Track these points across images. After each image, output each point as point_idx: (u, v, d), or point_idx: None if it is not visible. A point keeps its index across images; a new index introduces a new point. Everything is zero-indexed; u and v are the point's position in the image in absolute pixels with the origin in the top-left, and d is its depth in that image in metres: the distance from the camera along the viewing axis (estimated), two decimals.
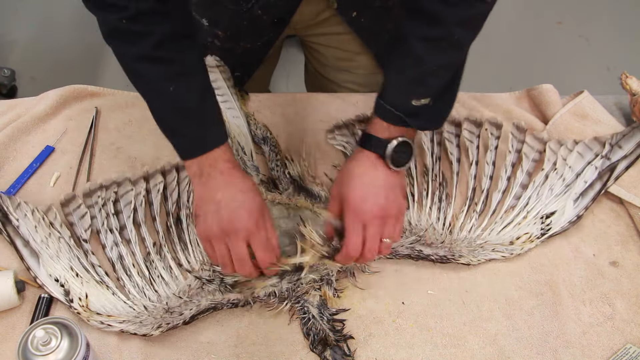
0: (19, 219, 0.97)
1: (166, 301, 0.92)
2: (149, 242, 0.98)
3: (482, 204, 1.05)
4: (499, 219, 1.04)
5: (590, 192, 1.05)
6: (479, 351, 0.92)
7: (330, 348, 0.90)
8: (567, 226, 1.03)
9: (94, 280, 0.93)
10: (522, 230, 1.02)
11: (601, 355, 0.93)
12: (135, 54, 0.82)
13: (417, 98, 0.86)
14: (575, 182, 1.06)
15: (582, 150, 1.10)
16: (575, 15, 2.62)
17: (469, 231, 1.02)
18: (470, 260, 0.98)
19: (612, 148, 1.09)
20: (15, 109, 1.15)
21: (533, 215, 1.04)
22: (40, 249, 0.94)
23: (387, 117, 0.87)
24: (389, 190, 0.89)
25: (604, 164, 1.08)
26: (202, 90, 0.86)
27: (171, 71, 0.83)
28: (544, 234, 1.02)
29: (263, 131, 1.13)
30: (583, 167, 1.08)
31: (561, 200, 1.05)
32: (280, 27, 1.13)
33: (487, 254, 0.99)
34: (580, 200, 1.05)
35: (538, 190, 1.06)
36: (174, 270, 0.96)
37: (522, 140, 1.11)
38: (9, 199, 0.98)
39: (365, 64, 1.23)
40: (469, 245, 1.00)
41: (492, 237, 1.02)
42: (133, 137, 1.13)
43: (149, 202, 1.02)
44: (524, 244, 1.00)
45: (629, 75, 1.21)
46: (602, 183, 1.06)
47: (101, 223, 0.98)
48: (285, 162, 1.09)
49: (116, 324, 0.89)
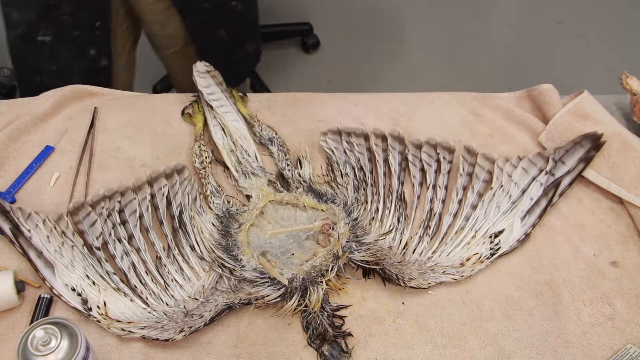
0: (31, 229, 0.96)
1: (184, 305, 0.92)
2: (158, 246, 0.98)
3: (434, 227, 1.03)
4: (450, 240, 1.02)
5: (536, 209, 1.04)
6: (479, 351, 0.92)
7: (328, 343, 0.90)
8: (515, 245, 1.02)
9: (111, 288, 0.93)
10: (472, 250, 1.00)
11: (601, 355, 0.93)
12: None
13: None
14: (521, 198, 1.05)
15: (526, 166, 1.09)
16: (575, 15, 2.63)
17: (420, 254, 1.00)
18: (420, 284, 0.96)
19: (555, 164, 1.09)
20: (15, 109, 1.15)
21: (482, 235, 1.02)
22: (54, 259, 0.93)
23: None
24: None
25: (549, 180, 1.07)
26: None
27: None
28: (494, 253, 1.00)
29: (268, 132, 1.13)
30: (528, 183, 1.07)
31: (509, 217, 1.04)
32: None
33: (437, 277, 0.97)
34: (527, 217, 1.04)
35: (486, 208, 1.05)
36: (186, 272, 0.96)
37: (474, 163, 1.10)
38: (20, 210, 0.97)
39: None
40: (420, 268, 0.97)
41: (442, 259, 1.00)
42: (133, 137, 1.13)
43: (154, 207, 1.02)
44: (474, 265, 0.98)
45: (630, 75, 1.21)
46: (547, 200, 1.05)
47: (108, 234, 0.98)
48: (298, 162, 1.10)
49: (137, 330, 0.89)
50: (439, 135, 1.15)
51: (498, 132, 1.17)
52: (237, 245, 0.97)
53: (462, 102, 1.22)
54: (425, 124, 1.18)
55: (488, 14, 2.62)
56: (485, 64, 2.42)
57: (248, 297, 0.92)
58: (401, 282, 0.95)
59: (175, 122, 1.16)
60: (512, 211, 1.04)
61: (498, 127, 1.18)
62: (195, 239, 0.99)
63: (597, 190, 1.11)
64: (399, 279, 0.95)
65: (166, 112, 1.17)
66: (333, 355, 0.89)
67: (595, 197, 1.10)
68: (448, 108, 1.21)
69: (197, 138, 1.11)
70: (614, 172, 1.09)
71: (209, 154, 1.09)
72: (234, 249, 0.97)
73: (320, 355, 0.90)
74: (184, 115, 1.16)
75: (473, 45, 2.49)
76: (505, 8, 2.69)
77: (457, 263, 0.99)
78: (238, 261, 0.95)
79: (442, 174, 1.09)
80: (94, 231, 0.98)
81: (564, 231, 1.06)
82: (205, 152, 1.09)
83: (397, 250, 1.00)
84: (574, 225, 1.07)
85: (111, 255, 0.96)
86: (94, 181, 1.07)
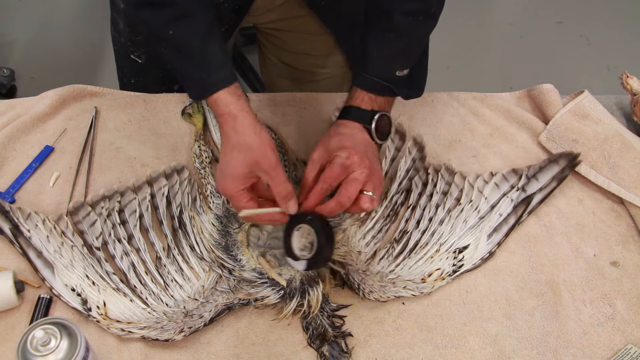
0: (30, 229, 0.95)
1: (183, 305, 0.92)
2: (158, 246, 0.98)
3: (403, 244, 1.01)
4: (414, 254, 1.00)
5: (504, 227, 1.02)
6: (479, 351, 0.92)
7: (328, 344, 0.90)
8: (479, 263, 1.00)
9: (111, 288, 0.92)
10: (434, 265, 0.98)
11: (602, 355, 0.93)
12: (135, 0, 0.85)
13: (400, 69, 0.93)
14: (490, 214, 1.03)
15: (498, 181, 1.07)
16: (575, 15, 2.62)
17: (383, 266, 0.98)
18: (379, 297, 0.94)
19: (528, 180, 1.07)
20: (15, 109, 1.15)
21: (446, 249, 1.00)
22: (54, 259, 0.93)
23: (374, 88, 0.93)
24: (374, 156, 0.92)
25: (520, 197, 1.05)
26: (203, 34, 0.87)
27: (169, 15, 0.84)
28: (456, 270, 0.98)
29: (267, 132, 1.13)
30: (499, 198, 1.05)
31: (475, 233, 1.02)
32: (240, 14, 1.15)
33: (397, 291, 0.95)
34: (494, 235, 1.02)
35: (452, 222, 1.03)
36: (186, 272, 0.96)
37: (450, 182, 1.07)
38: (19, 210, 0.97)
39: (324, 45, 1.25)
40: (381, 280, 0.95)
41: (404, 272, 0.97)
42: (133, 137, 1.13)
43: (154, 207, 1.02)
44: (435, 282, 0.96)
45: (630, 75, 1.21)
46: (516, 217, 1.03)
47: (108, 234, 0.98)
48: (296, 164, 1.09)
49: (137, 330, 0.89)
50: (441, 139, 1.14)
51: (498, 132, 1.17)
52: (236, 245, 0.97)
53: (462, 102, 1.21)
54: (425, 124, 1.18)
55: (488, 14, 2.62)
56: (485, 64, 2.42)
57: (247, 298, 0.92)
58: (361, 292, 0.93)
59: (175, 122, 1.16)
60: (479, 226, 1.02)
61: (498, 127, 1.18)
62: (195, 239, 0.99)
63: (598, 190, 1.11)
64: (359, 288, 0.93)
65: (166, 112, 1.17)
66: (333, 355, 0.89)
67: (595, 197, 1.10)
68: (448, 108, 1.21)
69: (197, 138, 1.11)
70: (614, 172, 1.09)
71: (209, 154, 1.09)
72: (234, 249, 0.97)
73: (320, 355, 0.90)
74: (184, 115, 1.16)
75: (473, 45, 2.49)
76: (505, 8, 2.69)
77: (419, 278, 0.96)
78: (237, 261, 0.95)
79: (425, 195, 1.06)
80: (93, 231, 0.98)
81: (564, 231, 1.06)
82: (205, 152, 1.09)
83: (364, 258, 0.98)
84: (574, 225, 1.06)
85: (111, 255, 0.96)
86: (94, 181, 1.07)
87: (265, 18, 1.22)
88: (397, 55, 0.93)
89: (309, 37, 1.23)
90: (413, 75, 0.95)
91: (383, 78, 0.93)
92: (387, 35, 0.92)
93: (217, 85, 0.86)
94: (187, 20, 0.85)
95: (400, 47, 0.92)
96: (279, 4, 1.17)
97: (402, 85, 0.94)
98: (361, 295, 0.94)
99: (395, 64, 0.93)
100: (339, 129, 0.93)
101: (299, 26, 1.21)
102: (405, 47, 0.93)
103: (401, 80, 0.94)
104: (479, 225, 1.03)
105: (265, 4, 1.16)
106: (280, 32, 1.25)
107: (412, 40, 0.93)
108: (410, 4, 0.89)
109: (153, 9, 0.84)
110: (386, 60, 0.93)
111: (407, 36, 0.92)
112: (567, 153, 1.09)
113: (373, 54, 0.93)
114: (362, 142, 0.91)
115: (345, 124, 0.93)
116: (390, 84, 0.93)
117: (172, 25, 0.84)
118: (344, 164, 0.86)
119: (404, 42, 0.92)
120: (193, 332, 0.89)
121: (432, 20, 0.92)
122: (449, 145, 1.15)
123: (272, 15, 1.20)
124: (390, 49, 0.93)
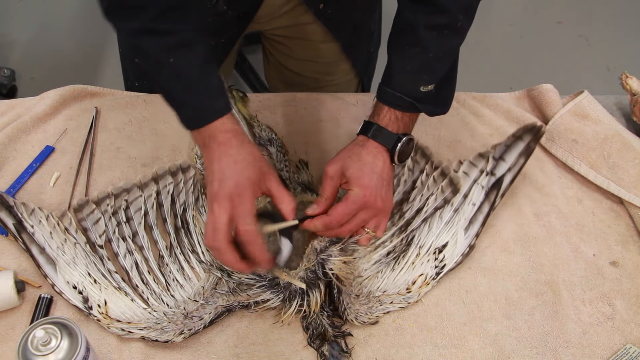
0: (34, 225, 0.95)
1: (184, 306, 0.92)
2: (161, 244, 0.98)
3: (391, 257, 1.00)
4: (397, 265, 0.98)
5: (479, 217, 1.01)
6: (479, 351, 0.92)
7: (328, 343, 0.90)
8: (460, 259, 0.98)
9: (112, 287, 0.92)
10: (417, 271, 0.96)
11: (601, 355, 0.93)
12: (134, 28, 0.83)
13: (424, 84, 0.89)
14: (463, 205, 1.02)
15: (467, 169, 1.05)
16: (575, 15, 2.62)
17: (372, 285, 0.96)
18: (368, 320, 0.92)
19: (496, 162, 1.05)
20: (15, 109, 1.15)
21: (425, 251, 0.98)
22: (56, 256, 0.93)
23: (398, 104, 0.90)
24: (389, 186, 0.91)
25: (490, 181, 1.03)
26: (202, 62, 0.86)
27: (169, 43, 0.83)
28: (439, 272, 0.97)
29: (268, 132, 1.13)
30: (469, 186, 1.03)
31: (451, 229, 1.00)
32: (245, 21, 1.14)
33: (385, 308, 0.94)
34: (470, 227, 1.00)
35: (429, 221, 1.01)
36: (187, 272, 0.96)
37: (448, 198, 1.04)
38: (23, 206, 0.97)
39: (330, 53, 1.24)
40: (369, 301, 0.94)
41: (389, 285, 0.96)
42: (133, 137, 1.13)
43: (159, 204, 1.02)
44: (420, 289, 0.95)
45: (629, 75, 1.21)
46: (490, 204, 1.01)
47: (112, 231, 0.98)
48: (298, 166, 1.09)
49: (137, 330, 0.89)
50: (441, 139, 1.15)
51: (498, 132, 1.17)
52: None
53: (462, 102, 1.22)
54: (425, 124, 1.18)
55: (488, 14, 2.62)
56: (485, 64, 2.42)
57: (247, 301, 0.92)
58: (344, 316, 0.92)
59: (175, 122, 1.14)
60: (455, 221, 1.01)
61: (498, 127, 1.18)
62: (197, 239, 0.99)
63: (597, 190, 1.11)
64: (344, 312, 0.91)
65: (166, 112, 1.16)
66: (333, 355, 0.89)
67: (595, 197, 1.10)
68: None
69: None
70: (613, 172, 1.09)
71: None
72: None
73: (320, 355, 0.90)
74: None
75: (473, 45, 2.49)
76: (505, 8, 2.69)
77: (404, 288, 0.95)
78: None
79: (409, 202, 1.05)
80: (97, 229, 0.98)
81: (564, 231, 1.06)
82: None
83: (360, 281, 0.96)
84: (573, 225, 1.07)
85: (114, 253, 0.96)
86: (94, 181, 1.07)
87: (270, 25, 1.21)
88: (421, 70, 0.89)
89: (315, 44, 1.22)
90: (440, 91, 0.92)
91: (406, 93, 0.90)
92: (412, 50, 0.88)
93: (217, 114, 0.85)
94: (187, 48, 0.84)
95: (425, 62, 0.89)
96: (284, 11, 1.16)
97: (426, 101, 0.91)
98: (343, 318, 0.92)
99: (420, 79, 0.89)
100: (361, 152, 0.90)
101: (304, 34, 1.21)
102: (430, 62, 0.89)
103: (426, 95, 0.91)
104: (454, 219, 1.01)
105: (270, 12, 1.15)
106: (286, 39, 1.25)
107: (437, 55, 0.88)
108: (435, 17, 0.85)
109: (153, 37, 0.83)
110: (410, 75, 0.90)
111: (432, 51, 0.88)
112: (530, 127, 1.06)
113: (397, 68, 0.90)
114: (381, 174, 0.89)
115: (368, 148, 0.90)
116: (413, 99, 0.90)
117: (172, 53, 0.83)
118: (358, 203, 0.88)
119: (429, 57, 0.88)
120: (193, 334, 0.89)
121: (458, 35, 0.89)
122: (449, 145, 1.16)
123: (277, 22, 1.19)
124: (415, 64, 0.89)
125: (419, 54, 0.88)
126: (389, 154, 0.91)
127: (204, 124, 0.86)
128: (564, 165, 1.13)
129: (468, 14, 0.88)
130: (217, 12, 1.09)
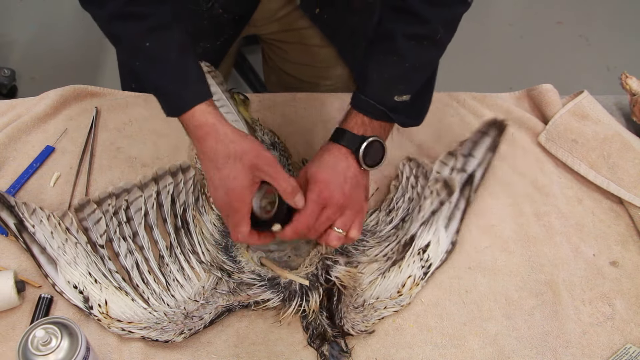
0: (35, 225, 0.95)
1: (184, 306, 0.92)
2: (161, 244, 0.98)
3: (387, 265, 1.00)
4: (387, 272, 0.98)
5: (457, 213, 1.02)
6: (479, 351, 0.92)
7: (328, 343, 0.90)
8: (445, 257, 0.99)
9: (113, 287, 0.92)
10: (405, 274, 0.96)
11: (601, 355, 0.93)
12: (108, 13, 0.82)
13: (399, 94, 0.88)
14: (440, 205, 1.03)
15: (438, 168, 1.07)
16: (575, 15, 2.62)
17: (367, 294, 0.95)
18: (366, 328, 0.92)
19: (465, 159, 1.06)
20: (15, 109, 1.15)
21: (410, 253, 0.98)
22: (57, 256, 0.93)
23: (369, 111, 0.88)
24: (355, 186, 0.88)
25: (462, 178, 1.04)
26: (178, 46, 0.84)
27: (143, 26, 0.82)
28: (426, 272, 0.97)
29: (270, 137, 1.13)
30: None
31: (431, 228, 1.00)
32: (240, 25, 1.14)
33: (380, 314, 0.93)
34: (450, 224, 1.01)
35: (412, 223, 1.01)
36: (187, 272, 0.96)
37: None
38: (25, 205, 0.97)
39: (327, 57, 1.24)
40: (363, 310, 0.93)
41: (381, 291, 0.96)
42: (133, 137, 1.13)
43: (159, 204, 1.02)
44: (411, 290, 0.95)
45: (629, 75, 1.21)
46: (465, 200, 1.03)
47: (113, 231, 0.98)
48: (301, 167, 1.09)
49: (137, 330, 0.89)
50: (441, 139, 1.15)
51: None
52: (236, 246, 0.97)
53: (462, 102, 1.22)
54: (425, 124, 1.17)
55: (488, 14, 2.62)
56: (485, 64, 2.42)
57: (247, 301, 0.92)
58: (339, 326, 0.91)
59: (175, 122, 1.15)
60: (434, 220, 1.01)
61: None
62: (197, 239, 0.99)
63: (597, 190, 1.11)
64: (340, 321, 0.91)
65: None
66: (333, 355, 0.89)
67: (594, 197, 1.10)
68: (448, 108, 1.21)
69: None
70: (613, 172, 1.09)
71: None
72: (233, 250, 0.97)
73: (320, 355, 0.90)
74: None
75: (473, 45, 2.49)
76: (505, 8, 2.69)
77: (395, 292, 0.95)
78: (237, 263, 0.95)
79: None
80: (98, 229, 0.98)
81: (564, 231, 1.06)
82: None
83: (364, 286, 0.96)
84: (573, 225, 1.07)
85: (115, 253, 0.97)
86: (94, 181, 1.07)
87: (267, 29, 1.21)
88: (397, 79, 0.87)
89: (312, 48, 1.22)
90: (415, 102, 0.90)
91: (379, 101, 0.87)
92: (388, 58, 0.86)
93: (196, 99, 0.84)
94: (162, 31, 0.83)
95: (401, 71, 0.87)
96: (280, 15, 1.16)
97: (400, 111, 0.89)
98: (339, 328, 0.91)
99: (395, 88, 0.87)
100: (323, 155, 0.89)
101: (301, 38, 1.21)
102: (406, 72, 0.87)
103: (400, 105, 0.88)
104: (433, 218, 1.01)
105: (266, 16, 1.15)
106: (283, 43, 1.25)
107: (414, 65, 0.86)
108: (414, 27, 0.84)
109: (128, 21, 0.81)
110: (385, 83, 0.87)
111: (409, 61, 0.86)
112: (493, 121, 1.11)
113: (373, 76, 0.88)
114: (342, 173, 0.87)
115: (331, 150, 0.88)
116: (386, 108, 0.88)
117: (147, 37, 0.82)
118: (316, 200, 0.84)
119: (406, 67, 0.86)
120: (193, 334, 0.89)
121: (437, 47, 0.88)
122: (449, 145, 1.15)
123: (274, 26, 1.19)
124: (391, 73, 0.87)
125: (395, 62, 0.86)
126: (355, 156, 0.87)
127: (182, 111, 0.84)
128: (564, 165, 1.14)
129: (449, 28, 0.87)
130: (213, 14, 1.09)
